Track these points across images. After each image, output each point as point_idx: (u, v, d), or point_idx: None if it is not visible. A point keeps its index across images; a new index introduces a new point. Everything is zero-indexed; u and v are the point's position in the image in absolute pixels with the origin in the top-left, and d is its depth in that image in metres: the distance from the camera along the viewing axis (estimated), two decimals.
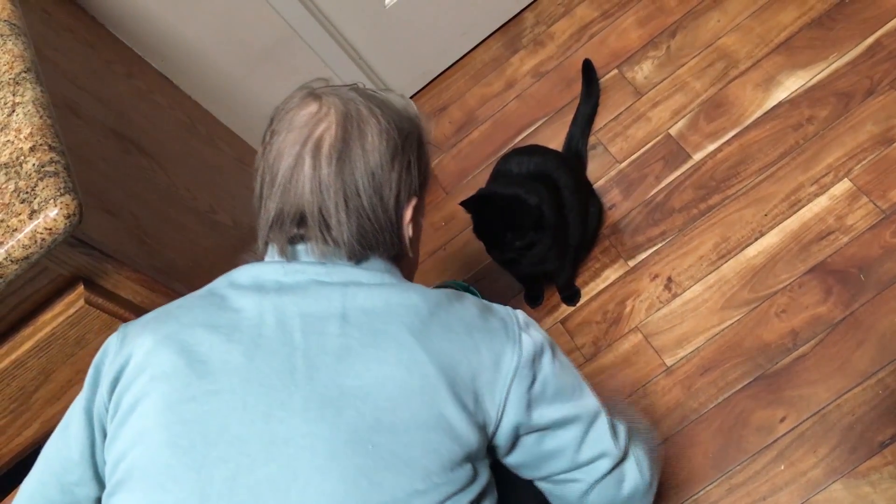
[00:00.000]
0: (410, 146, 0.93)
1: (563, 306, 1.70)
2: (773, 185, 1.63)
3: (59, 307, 0.96)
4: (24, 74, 0.98)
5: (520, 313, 0.92)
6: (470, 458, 0.83)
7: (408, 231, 0.94)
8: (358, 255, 0.90)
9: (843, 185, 1.57)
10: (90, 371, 0.88)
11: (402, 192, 0.92)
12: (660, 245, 1.67)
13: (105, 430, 0.86)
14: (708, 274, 1.61)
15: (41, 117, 0.93)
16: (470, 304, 0.90)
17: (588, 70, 1.88)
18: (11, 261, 0.85)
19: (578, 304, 1.68)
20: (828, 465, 1.38)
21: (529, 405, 0.87)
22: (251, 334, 0.82)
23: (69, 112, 1.09)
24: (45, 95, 0.97)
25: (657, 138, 1.79)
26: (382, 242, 0.91)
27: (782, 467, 1.40)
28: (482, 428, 0.84)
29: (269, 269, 0.88)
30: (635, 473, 0.97)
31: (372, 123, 0.89)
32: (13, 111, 0.94)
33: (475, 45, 2.11)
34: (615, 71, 1.91)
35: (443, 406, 0.81)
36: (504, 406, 0.85)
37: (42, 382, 1.01)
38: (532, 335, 0.90)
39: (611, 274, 1.69)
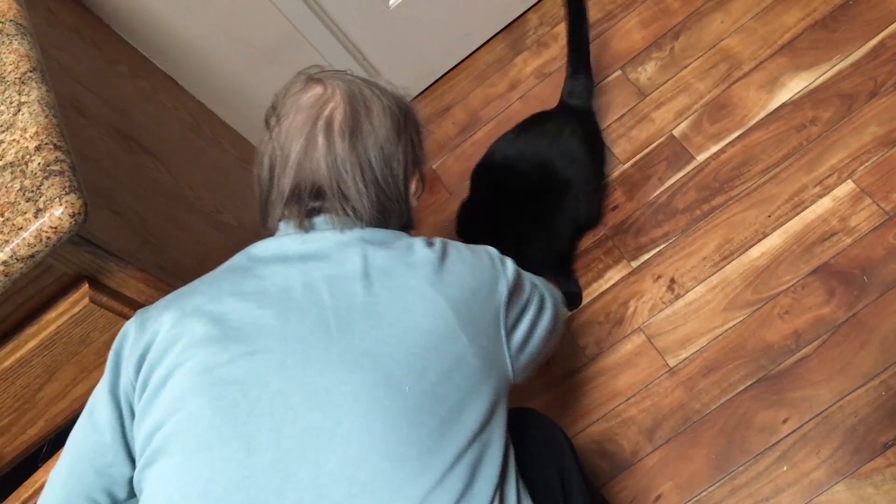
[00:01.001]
0: (410, 123, 1.01)
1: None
2: (776, 186, 1.63)
3: (63, 306, 0.96)
4: (29, 74, 0.98)
5: (507, 258, 1.01)
6: (496, 393, 0.89)
7: (413, 202, 1.03)
8: (375, 223, 0.96)
9: (847, 187, 1.57)
10: (110, 356, 0.89)
11: (409, 165, 0.99)
12: (663, 246, 1.67)
13: (133, 410, 0.88)
14: (711, 275, 1.61)
15: (47, 116, 0.93)
16: (461, 247, 0.97)
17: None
18: (17, 259, 0.85)
19: (581, 305, 1.68)
20: (830, 467, 1.37)
21: (519, 318, 0.97)
22: (280, 298, 0.86)
23: (74, 111, 1.10)
24: (51, 95, 0.97)
25: (661, 139, 1.79)
26: (395, 212, 0.98)
27: (785, 468, 1.40)
28: (499, 361, 0.91)
29: (287, 240, 0.93)
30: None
31: (376, 102, 0.96)
32: (19, 110, 0.94)
33: (479, 46, 2.11)
34: (619, 72, 1.91)
35: (464, 348, 0.86)
36: (506, 325, 0.93)
37: (47, 381, 1.01)
38: (507, 262, 0.99)
39: (614, 275, 1.69)
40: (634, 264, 1.68)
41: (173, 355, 0.84)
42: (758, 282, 1.56)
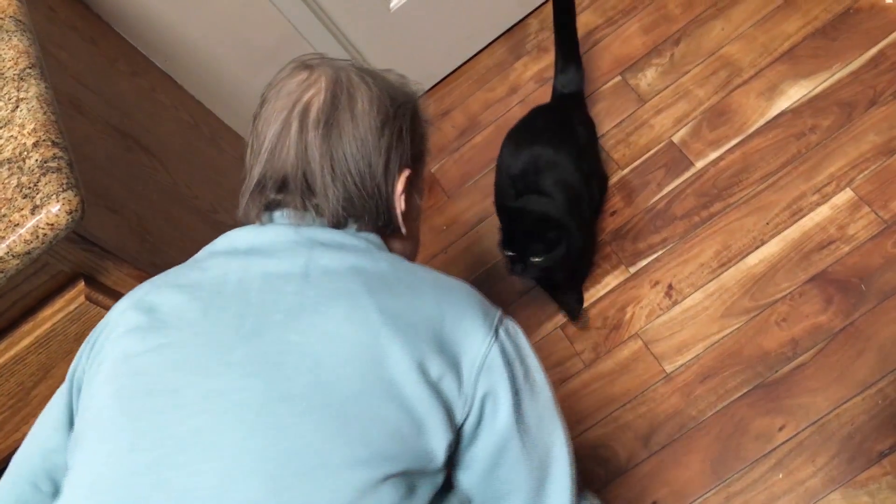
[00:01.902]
0: (403, 115, 0.92)
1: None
2: (774, 193, 1.63)
3: (59, 303, 0.96)
4: (28, 70, 0.98)
5: (509, 318, 0.87)
6: (429, 435, 0.76)
7: (399, 203, 0.92)
8: (340, 222, 0.88)
9: (845, 195, 1.57)
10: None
11: (393, 161, 0.90)
12: (661, 252, 1.67)
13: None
14: (708, 281, 1.61)
15: (45, 113, 0.93)
16: (453, 280, 0.87)
17: None
18: (13, 256, 0.85)
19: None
20: (826, 475, 1.37)
21: (496, 400, 0.81)
22: (210, 292, 0.82)
23: (73, 109, 1.09)
24: (50, 92, 0.97)
25: (660, 145, 1.79)
26: (368, 211, 0.89)
27: (780, 476, 1.40)
28: (446, 403, 0.78)
29: (242, 232, 0.88)
30: None
31: (362, 90, 0.89)
32: (17, 107, 0.94)
33: (479, 50, 2.11)
34: (619, 77, 1.91)
35: (393, 371, 0.76)
36: (471, 392, 0.80)
37: (41, 379, 1.00)
38: (514, 334, 0.85)
39: (611, 280, 1.69)
40: (632, 270, 1.68)
41: (110, 342, 0.82)
42: (755, 289, 1.56)
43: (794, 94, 1.72)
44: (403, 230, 0.95)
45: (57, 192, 0.85)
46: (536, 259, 1.43)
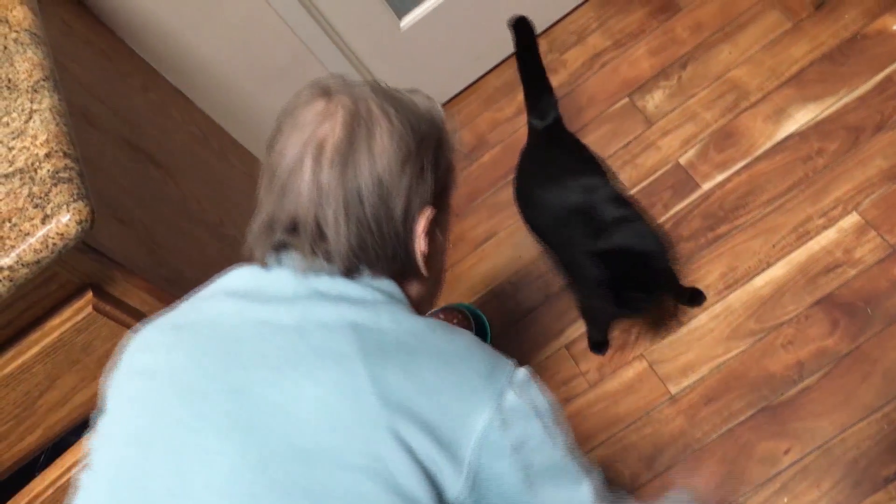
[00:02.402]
0: (426, 150, 0.85)
1: (569, 330, 1.69)
2: (781, 216, 1.63)
3: (67, 313, 0.96)
4: (42, 82, 0.99)
5: (521, 370, 0.82)
6: None
7: (420, 244, 0.86)
8: (352, 269, 0.82)
9: (852, 219, 1.57)
10: None
11: (414, 201, 0.83)
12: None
13: None
14: (714, 303, 1.60)
15: (57, 125, 0.94)
16: (458, 339, 0.82)
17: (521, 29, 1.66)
18: (22, 264, 0.86)
19: (585, 329, 1.68)
20: (831, 500, 1.36)
21: (507, 473, 0.77)
22: (203, 335, 0.80)
23: (85, 121, 1.11)
24: (63, 104, 0.98)
25: (666, 167, 1.79)
26: (384, 257, 0.83)
27: (785, 500, 1.39)
28: (436, 487, 0.73)
29: (246, 273, 0.85)
30: None
31: (382, 124, 0.82)
32: (30, 118, 0.95)
33: (488, 70, 2.13)
34: (626, 99, 1.92)
35: (380, 446, 0.71)
36: (471, 468, 0.74)
37: (47, 388, 1.01)
38: (523, 395, 0.79)
39: None
40: None
41: (114, 382, 0.82)
42: (761, 311, 1.56)
43: (802, 117, 1.72)
44: (424, 272, 0.89)
45: (67, 202, 0.86)
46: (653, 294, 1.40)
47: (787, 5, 1.87)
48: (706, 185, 1.73)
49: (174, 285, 1.09)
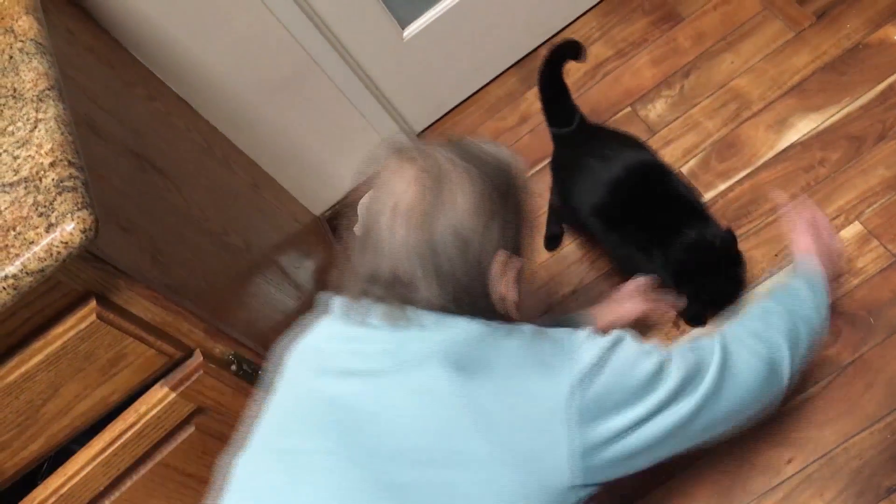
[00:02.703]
0: (502, 199, 0.90)
1: None
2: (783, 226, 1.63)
3: (70, 321, 0.96)
4: (47, 92, 1.00)
5: (580, 332, 0.90)
6: None
7: (502, 289, 0.91)
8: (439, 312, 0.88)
9: (854, 228, 1.58)
10: None
11: (489, 249, 0.89)
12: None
13: None
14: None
15: (62, 134, 0.94)
16: (521, 335, 0.89)
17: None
18: (27, 273, 0.86)
19: None
20: None
21: (599, 421, 0.84)
22: (307, 358, 0.94)
23: (89, 130, 1.11)
24: (67, 113, 0.98)
25: None
26: (469, 304, 0.88)
27: None
28: (546, 470, 0.82)
29: (337, 326, 0.94)
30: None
31: (460, 181, 0.87)
32: (35, 127, 0.95)
33: (491, 80, 2.13)
34: (628, 109, 1.93)
35: (473, 444, 0.80)
36: (570, 435, 0.82)
37: (50, 397, 1.01)
38: (588, 350, 0.87)
39: None
40: None
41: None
42: None
43: (804, 127, 1.73)
44: (513, 315, 0.95)
45: (72, 210, 0.86)
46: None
47: (789, 15, 1.87)
48: (709, 195, 1.74)
49: (177, 294, 1.09)
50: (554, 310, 1.74)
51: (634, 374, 0.87)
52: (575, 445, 0.82)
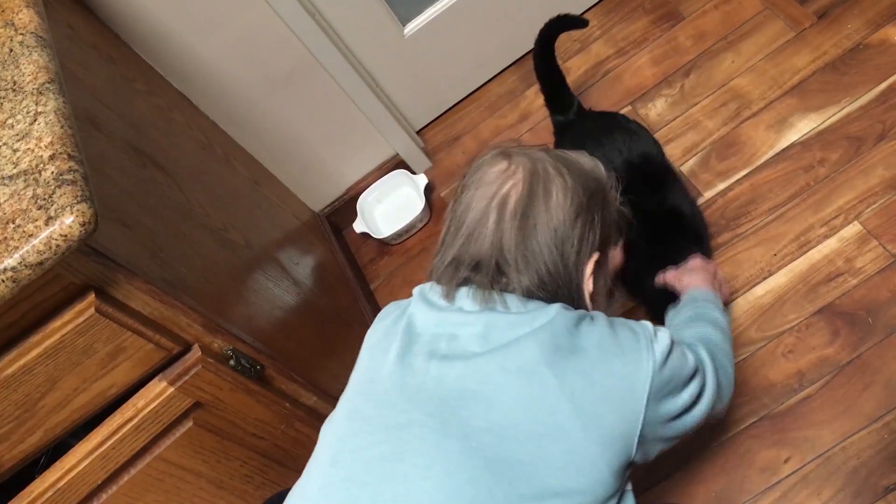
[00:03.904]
0: (595, 204, 0.98)
1: None
2: (782, 225, 1.63)
3: (69, 315, 0.96)
4: (47, 85, 0.99)
5: (648, 323, 0.96)
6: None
7: (588, 285, 0.98)
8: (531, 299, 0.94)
9: (853, 228, 1.58)
10: None
11: (584, 249, 0.96)
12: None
13: None
14: None
15: (62, 127, 0.94)
16: (602, 321, 0.94)
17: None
18: (26, 266, 0.86)
19: None
20: None
21: (662, 402, 0.91)
22: (407, 335, 0.95)
23: (89, 125, 1.11)
24: (67, 106, 0.98)
25: None
26: (560, 296, 0.95)
27: None
28: (624, 449, 0.88)
29: (436, 291, 0.98)
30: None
31: (557, 182, 0.95)
32: (35, 120, 0.95)
33: (491, 78, 2.13)
34: (629, 107, 1.93)
35: (561, 417, 0.85)
36: (645, 414, 0.88)
37: (48, 390, 1.01)
38: (660, 340, 0.93)
39: (618, 308, 1.69)
40: None
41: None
42: (762, 320, 1.56)
43: (804, 127, 1.73)
44: (590, 308, 1.00)
45: (71, 203, 0.86)
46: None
47: (790, 15, 1.87)
48: (708, 194, 1.74)
49: (176, 289, 1.09)
50: None
51: (686, 366, 0.95)
52: (645, 423, 0.88)
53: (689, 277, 1.33)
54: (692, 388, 0.96)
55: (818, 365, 1.48)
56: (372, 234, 2.02)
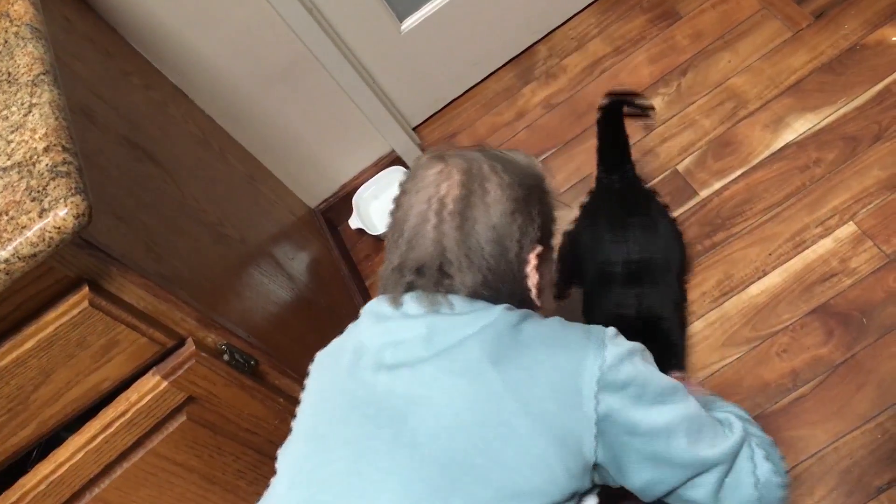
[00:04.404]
0: (533, 199, 0.98)
1: None
2: (778, 225, 1.64)
3: (62, 307, 0.95)
4: (42, 77, 0.99)
5: (610, 328, 0.93)
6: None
7: (532, 279, 0.98)
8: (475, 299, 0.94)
9: (848, 229, 1.58)
10: None
11: (525, 243, 0.96)
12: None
13: None
14: (710, 310, 1.61)
15: (57, 119, 0.94)
16: (554, 321, 0.93)
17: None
18: (19, 258, 0.86)
19: None
20: None
21: (625, 406, 0.86)
22: (348, 354, 0.96)
23: (85, 118, 1.11)
24: (62, 98, 0.98)
25: (664, 174, 1.80)
26: (503, 294, 0.95)
27: None
28: (578, 455, 0.86)
29: (382, 302, 0.98)
30: (752, 468, 0.93)
31: (493, 180, 0.95)
32: (30, 111, 0.95)
33: (488, 75, 2.13)
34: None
35: (515, 419, 0.84)
36: (596, 411, 0.85)
37: (41, 383, 1.00)
38: (619, 342, 0.90)
39: None
40: None
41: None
42: (757, 319, 1.56)
43: (800, 127, 1.73)
44: (538, 302, 1.01)
45: (65, 195, 0.86)
46: None
47: (788, 14, 1.87)
48: (704, 193, 1.74)
49: (171, 283, 1.09)
50: None
51: (657, 379, 0.90)
52: (601, 421, 0.86)
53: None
54: (675, 410, 0.89)
55: (812, 365, 1.49)
56: (367, 231, 2.02)
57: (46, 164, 0.89)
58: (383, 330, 0.94)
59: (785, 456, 1.39)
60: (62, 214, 0.85)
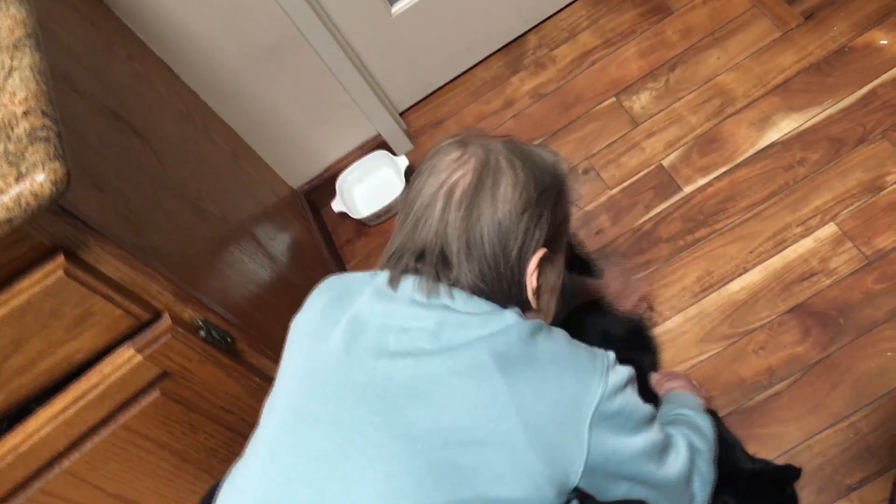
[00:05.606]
0: (546, 200, 0.96)
1: None
2: (759, 223, 1.64)
3: (37, 276, 0.94)
4: (24, 40, 0.97)
5: (611, 353, 0.95)
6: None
7: (531, 282, 0.96)
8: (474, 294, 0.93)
9: (829, 229, 1.59)
10: None
11: (528, 244, 0.94)
12: (644, 274, 1.68)
13: None
14: (689, 306, 1.61)
15: (37, 83, 0.92)
16: (560, 337, 0.94)
17: None
18: None
19: None
20: None
21: (610, 435, 0.89)
22: (352, 327, 0.94)
23: (66, 86, 1.08)
24: (44, 62, 0.95)
25: (649, 168, 1.80)
26: (502, 290, 0.94)
27: None
28: (561, 474, 0.86)
29: (383, 279, 0.97)
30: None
31: (508, 175, 0.94)
32: (9, 75, 0.93)
33: (477, 62, 2.12)
34: (613, 99, 1.93)
35: (513, 431, 0.84)
36: (589, 439, 0.87)
37: (12, 352, 0.98)
38: (618, 372, 0.92)
39: None
40: None
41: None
42: (735, 316, 1.57)
43: (785, 126, 1.74)
44: (534, 305, 0.99)
45: (44, 160, 0.84)
46: None
47: (778, 14, 1.88)
48: (688, 189, 1.74)
49: (149, 255, 1.07)
50: None
51: (640, 408, 0.94)
52: (591, 449, 0.87)
53: (671, 383, 1.37)
54: (649, 438, 0.95)
55: (788, 363, 1.49)
56: (350, 214, 2.01)
57: (25, 129, 0.87)
58: (387, 310, 0.93)
59: (757, 453, 1.40)
60: (39, 180, 0.84)
